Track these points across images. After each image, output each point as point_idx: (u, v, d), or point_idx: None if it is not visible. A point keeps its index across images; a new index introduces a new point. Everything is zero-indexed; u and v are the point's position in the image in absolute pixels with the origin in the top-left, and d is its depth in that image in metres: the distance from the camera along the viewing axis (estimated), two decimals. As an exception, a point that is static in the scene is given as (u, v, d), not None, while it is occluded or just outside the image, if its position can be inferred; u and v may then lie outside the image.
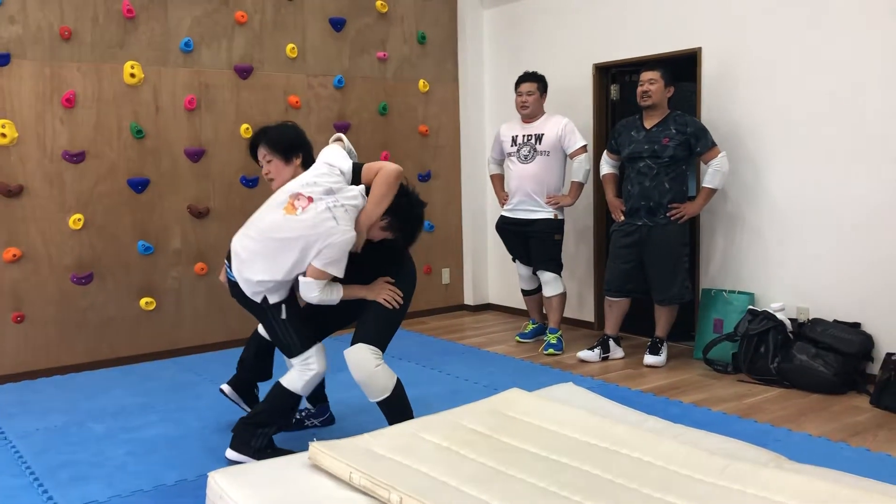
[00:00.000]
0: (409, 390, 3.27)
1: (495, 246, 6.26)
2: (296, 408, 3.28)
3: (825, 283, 4.39)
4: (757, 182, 4.66)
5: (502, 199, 5.34)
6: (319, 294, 3.00)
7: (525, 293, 5.48)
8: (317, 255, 2.93)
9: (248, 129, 5.32)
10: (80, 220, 4.78)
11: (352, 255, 3.05)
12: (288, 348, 3.16)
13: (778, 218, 4.58)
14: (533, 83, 5.10)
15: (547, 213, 5.06)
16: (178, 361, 5.03)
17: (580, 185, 5.07)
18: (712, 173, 4.53)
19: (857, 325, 4.23)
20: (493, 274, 6.61)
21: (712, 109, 4.84)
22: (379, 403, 3.15)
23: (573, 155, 5.03)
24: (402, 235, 3.13)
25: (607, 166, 4.97)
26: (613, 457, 2.35)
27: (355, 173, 3.12)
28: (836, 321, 4.28)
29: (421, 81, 6.22)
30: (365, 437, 2.52)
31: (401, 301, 3.19)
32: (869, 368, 4.17)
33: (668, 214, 4.58)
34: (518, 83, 5.15)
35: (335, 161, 3.11)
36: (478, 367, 4.78)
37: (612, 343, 4.90)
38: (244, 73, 5.34)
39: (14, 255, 4.59)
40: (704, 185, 4.59)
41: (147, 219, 5.03)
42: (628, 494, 2.11)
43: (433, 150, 6.36)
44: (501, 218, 5.32)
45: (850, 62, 4.20)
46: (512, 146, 5.18)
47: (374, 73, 5.97)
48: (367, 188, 3.07)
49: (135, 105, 4.95)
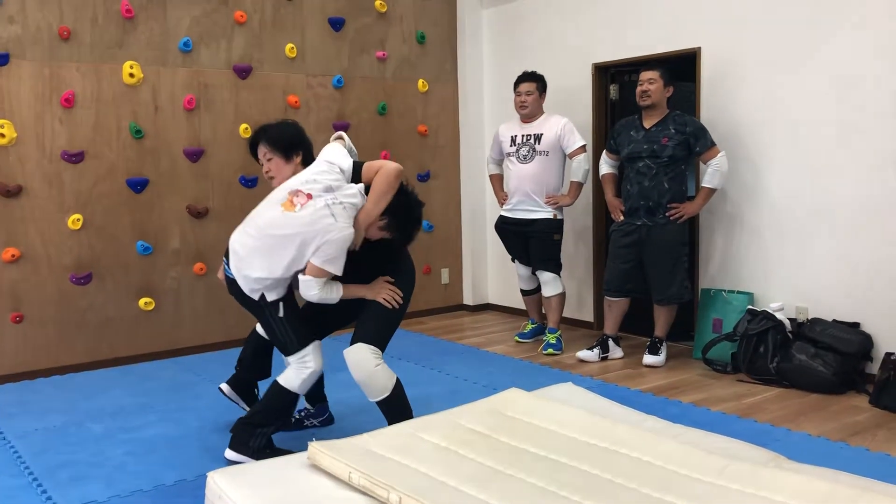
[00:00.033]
0: (409, 390, 3.27)
1: (494, 246, 6.27)
2: (294, 406, 3.27)
3: (824, 282, 4.39)
4: (756, 182, 4.67)
5: (501, 199, 5.34)
6: (319, 292, 3.00)
7: (524, 293, 5.48)
8: (315, 252, 2.93)
9: (247, 128, 5.32)
10: (79, 220, 4.78)
11: (351, 253, 3.05)
12: (285, 346, 3.16)
13: (777, 218, 4.59)
14: (532, 83, 5.09)
15: (546, 213, 5.06)
16: (177, 361, 5.03)
17: (579, 185, 5.07)
18: (711, 173, 4.54)
19: (857, 325, 4.23)
20: (492, 274, 6.61)
21: (711, 109, 4.84)
22: (378, 403, 3.15)
23: (572, 155, 5.03)
24: (399, 235, 3.13)
25: (606, 166, 4.97)
26: (613, 457, 2.35)
27: (355, 172, 3.12)
28: (835, 321, 4.29)
29: (420, 81, 6.22)
30: (364, 437, 2.52)
31: (400, 301, 3.19)
32: (868, 368, 4.17)
33: (667, 214, 4.59)
34: (517, 83, 5.15)
35: (335, 159, 3.11)
36: (477, 367, 4.78)
37: (611, 343, 4.90)
38: (243, 72, 5.34)
39: (13, 256, 4.59)
40: (703, 184, 4.59)
41: (146, 219, 5.03)
42: (627, 494, 2.12)
43: (432, 149, 6.36)
44: (501, 218, 5.32)
45: (849, 62, 4.20)
46: (511, 146, 5.18)
47: (373, 73, 5.97)
48: (366, 187, 3.07)
49: (134, 105, 4.95)
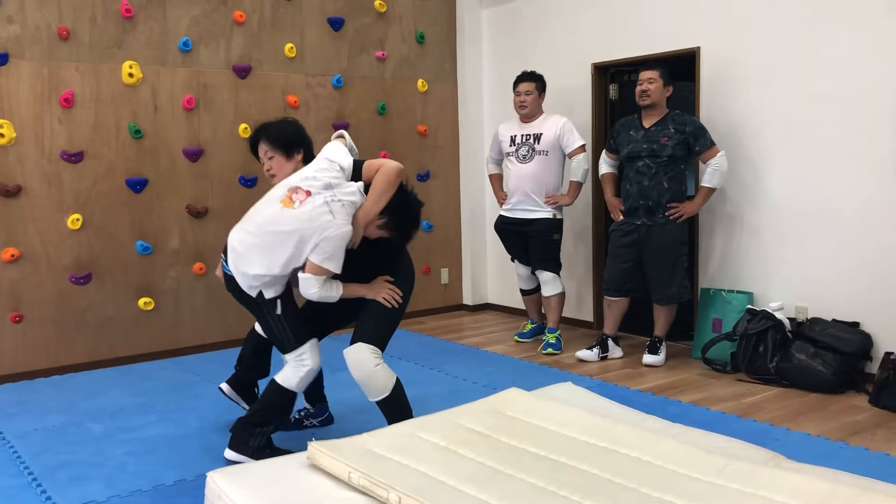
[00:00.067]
0: (408, 390, 3.27)
1: (494, 246, 6.26)
2: (292, 405, 3.27)
3: (824, 282, 4.39)
4: (756, 181, 4.67)
5: (501, 198, 5.34)
6: (319, 290, 3.00)
7: (524, 293, 5.48)
8: (313, 249, 2.93)
9: (246, 128, 5.31)
10: (78, 220, 4.77)
11: (350, 252, 3.05)
12: (282, 344, 3.16)
13: (777, 217, 4.59)
14: (531, 83, 5.09)
15: (546, 213, 5.06)
16: (176, 361, 5.03)
17: (579, 185, 5.07)
18: (711, 172, 4.54)
19: (856, 325, 4.23)
20: (491, 274, 6.61)
21: (711, 109, 4.84)
22: (378, 403, 3.15)
23: (572, 154, 5.03)
24: (398, 234, 3.12)
25: (606, 166, 4.97)
26: (612, 456, 2.35)
27: (356, 170, 3.12)
28: (834, 320, 4.29)
29: (420, 81, 6.22)
30: (364, 437, 2.52)
31: (400, 300, 3.19)
32: (868, 368, 4.17)
33: (666, 214, 4.58)
34: (516, 83, 5.15)
35: (335, 157, 3.11)
36: (476, 366, 4.78)
37: (610, 342, 4.90)
38: (243, 72, 5.34)
39: (12, 256, 4.58)
40: (703, 184, 4.59)
41: (145, 219, 5.03)
42: (627, 494, 2.11)
43: (432, 149, 6.36)
44: (500, 218, 5.32)
45: (848, 61, 4.20)
46: (510, 146, 5.18)
47: (372, 73, 5.97)
48: (367, 186, 3.07)
49: (133, 105, 4.95)
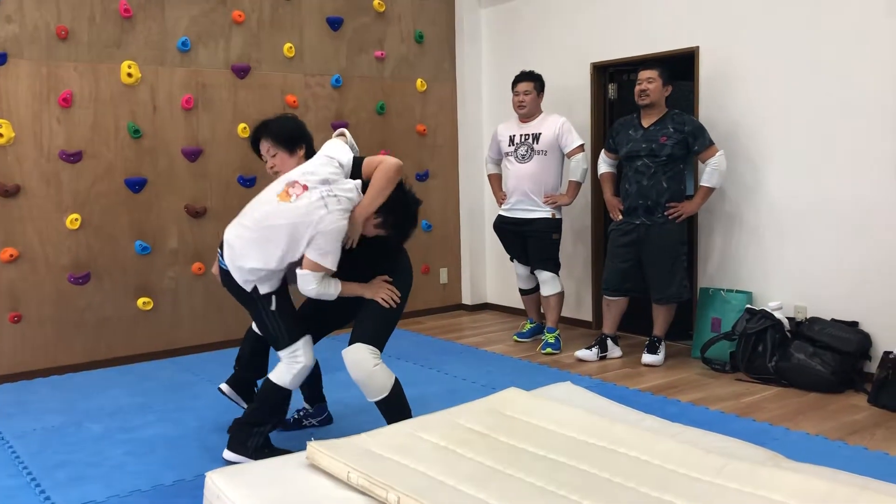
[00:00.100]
0: (407, 390, 3.26)
1: (493, 245, 6.26)
2: (287, 403, 3.26)
3: (823, 281, 4.39)
4: (755, 181, 4.67)
5: (500, 198, 5.34)
6: (317, 287, 2.99)
7: (523, 292, 5.48)
8: (308, 244, 2.92)
9: (245, 128, 5.31)
10: (77, 219, 4.77)
11: (348, 250, 3.05)
12: (276, 340, 3.16)
13: (776, 217, 4.59)
14: (530, 82, 5.09)
15: (545, 213, 5.06)
16: (175, 361, 5.02)
17: (578, 185, 5.06)
18: (710, 172, 4.53)
19: (855, 324, 4.23)
20: (490, 273, 6.61)
21: (710, 108, 4.84)
22: (377, 403, 3.15)
23: (570, 154, 5.03)
24: (396, 233, 3.12)
25: (605, 165, 4.97)
26: (611, 456, 2.35)
27: (356, 167, 3.12)
28: (833, 320, 4.29)
29: (419, 81, 6.22)
30: (363, 437, 2.51)
31: (398, 300, 3.19)
32: (867, 367, 4.17)
33: (665, 213, 4.58)
34: (515, 82, 5.15)
35: (335, 153, 3.11)
36: (476, 366, 4.78)
37: (609, 342, 4.90)
38: (241, 72, 5.34)
39: (11, 255, 4.58)
40: (702, 183, 4.59)
41: (144, 219, 5.03)
42: (626, 493, 2.11)
43: (431, 149, 6.35)
44: (499, 217, 5.32)
45: (847, 61, 4.20)
46: (509, 146, 5.17)
47: (371, 73, 5.97)
48: (367, 183, 3.06)
49: (132, 105, 4.95)
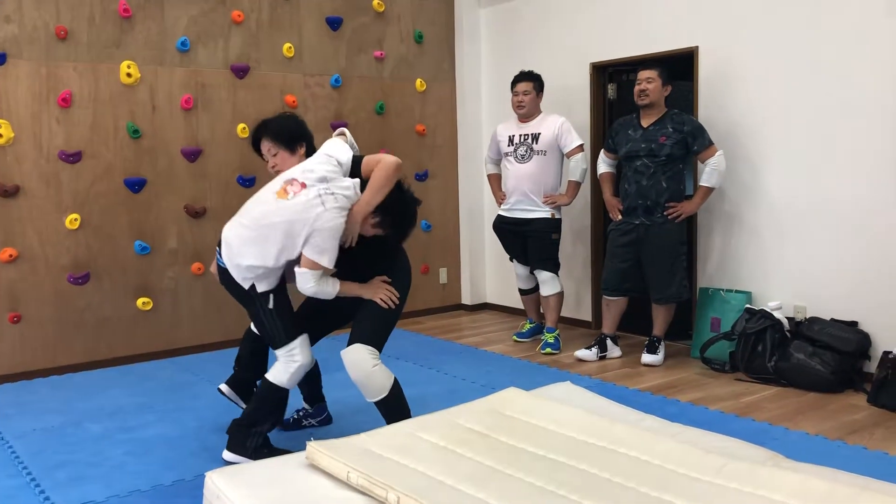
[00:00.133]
0: (407, 390, 3.26)
1: (493, 245, 6.26)
2: (285, 402, 3.26)
3: (822, 281, 4.39)
4: (754, 181, 4.67)
5: (499, 198, 5.34)
6: (315, 285, 2.99)
7: (522, 292, 5.48)
8: (305, 242, 2.92)
9: (244, 128, 5.31)
10: (76, 220, 4.77)
11: (347, 249, 3.05)
12: (273, 339, 3.16)
13: (775, 216, 4.59)
14: (529, 83, 5.09)
15: (544, 213, 5.06)
16: (175, 361, 5.02)
17: (577, 185, 5.06)
18: (709, 172, 4.54)
19: (855, 324, 4.23)
20: (490, 273, 6.61)
21: (709, 108, 4.84)
22: (376, 403, 3.15)
23: (570, 154, 5.03)
24: (394, 232, 3.11)
25: (604, 165, 4.97)
26: (611, 456, 2.35)
27: (355, 166, 3.12)
28: (833, 320, 4.29)
29: (418, 81, 6.22)
30: (362, 437, 2.51)
31: (397, 301, 3.19)
32: (866, 367, 4.17)
33: (665, 213, 4.59)
34: (514, 83, 5.15)
35: (334, 152, 3.12)
36: (475, 366, 4.78)
37: (609, 342, 4.90)
38: (241, 72, 5.34)
39: (10, 256, 4.58)
40: (702, 183, 4.59)
41: (144, 219, 5.03)
42: (626, 493, 2.11)
43: (430, 149, 6.35)
44: (499, 217, 5.32)
45: (847, 61, 4.20)
46: (509, 146, 5.17)
47: (370, 73, 5.97)
48: (366, 182, 3.06)
49: (131, 105, 4.95)
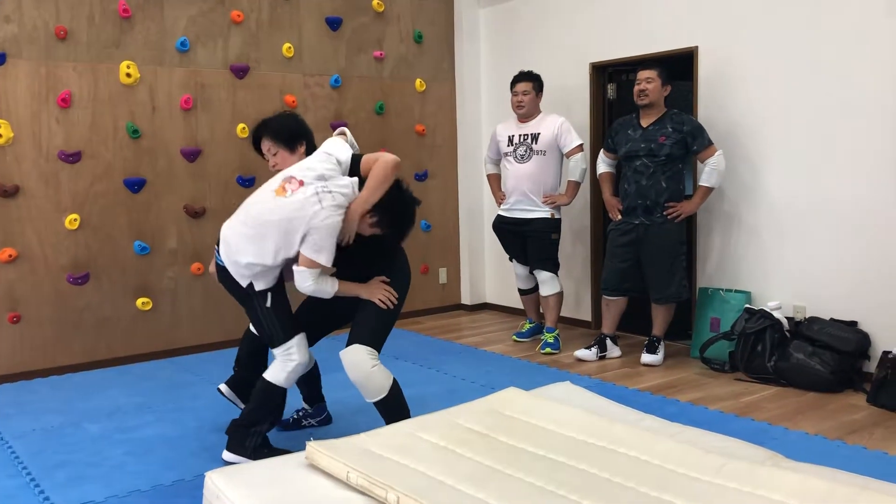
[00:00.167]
0: (407, 390, 3.26)
1: (492, 245, 6.26)
2: (283, 401, 3.26)
3: (822, 281, 4.39)
4: (754, 181, 4.67)
5: (499, 198, 5.34)
6: (313, 284, 2.99)
7: (522, 292, 5.48)
8: (303, 240, 2.93)
9: (244, 128, 5.31)
10: (76, 220, 4.77)
11: (345, 248, 3.05)
12: (270, 338, 3.16)
13: (775, 216, 4.59)
14: (528, 83, 5.09)
15: (544, 213, 5.06)
16: (174, 361, 5.02)
17: (577, 185, 5.06)
18: (709, 172, 4.54)
19: (854, 324, 4.23)
20: (490, 273, 6.61)
21: (709, 108, 4.84)
22: (375, 404, 3.15)
23: (569, 154, 5.03)
24: (392, 231, 3.11)
25: (604, 165, 4.97)
26: (611, 456, 2.35)
27: (354, 164, 3.12)
28: (832, 319, 4.29)
29: (417, 81, 6.22)
30: (362, 437, 2.51)
31: (395, 302, 3.18)
32: (866, 367, 4.17)
33: (664, 213, 4.59)
34: (514, 83, 5.15)
35: (333, 150, 3.12)
36: (475, 366, 4.78)
37: (608, 342, 4.90)
38: (240, 72, 5.33)
39: (10, 256, 4.58)
40: (701, 183, 4.59)
41: (143, 219, 5.03)
42: (625, 493, 2.11)
43: (430, 149, 6.35)
44: (498, 217, 5.32)
45: (847, 61, 4.20)
46: (508, 146, 5.17)
47: (370, 73, 5.97)
48: (364, 180, 3.06)
49: (131, 105, 4.94)
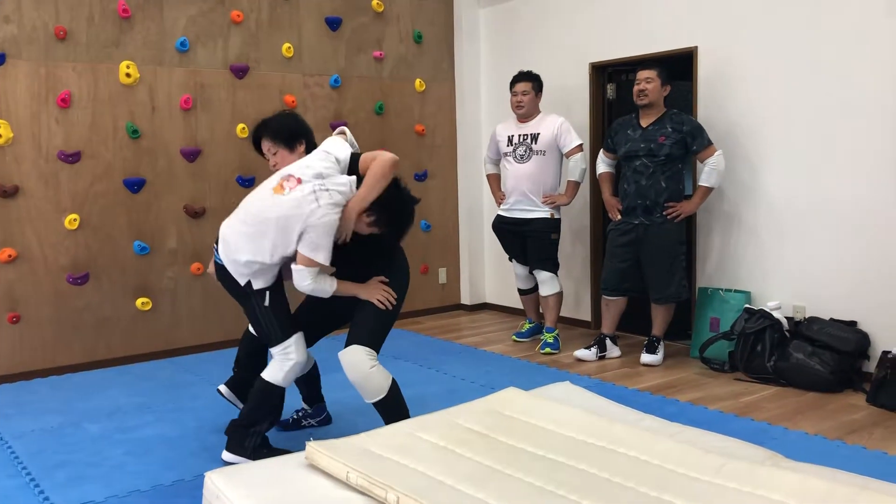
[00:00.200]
0: (406, 390, 3.27)
1: (492, 245, 6.26)
2: (282, 401, 3.26)
3: (822, 281, 4.39)
4: (753, 180, 4.67)
5: (499, 198, 5.34)
6: (311, 283, 3.00)
7: (521, 292, 5.48)
8: (300, 238, 2.93)
9: (244, 128, 5.31)
10: (75, 220, 4.77)
11: (343, 247, 3.05)
12: (269, 337, 3.16)
13: (775, 216, 4.59)
14: (528, 83, 5.09)
15: (543, 213, 5.06)
16: (174, 361, 5.02)
17: (576, 185, 5.07)
18: (708, 172, 4.54)
19: (854, 324, 4.23)
20: (489, 273, 6.61)
21: (709, 108, 4.84)
22: (375, 404, 3.15)
23: (569, 154, 5.03)
24: (391, 230, 3.11)
25: (603, 165, 4.97)
26: (610, 456, 2.35)
27: (353, 163, 3.12)
28: (832, 319, 4.29)
29: (417, 81, 6.22)
30: (362, 437, 2.51)
31: (394, 302, 3.18)
32: (865, 366, 4.17)
33: (664, 213, 4.59)
34: (513, 83, 5.15)
35: (332, 149, 3.13)
36: (474, 366, 4.78)
37: (608, 342, 4.90)
38: (240, 72, 5.33)
39: (10, 256, 4.58)
40: (701, 183, 4.59)
41: (143, 219, 5.03)
42: (625, 493, 2.11)
43: (430, 149, 6.35)
44: (498, 217, 5.32)
45: (847, 61, 4.20)
46: (508, 146, 5.17)
47: (370, 73, 5.97)
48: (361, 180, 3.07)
49: (130, 105, 4.94)
